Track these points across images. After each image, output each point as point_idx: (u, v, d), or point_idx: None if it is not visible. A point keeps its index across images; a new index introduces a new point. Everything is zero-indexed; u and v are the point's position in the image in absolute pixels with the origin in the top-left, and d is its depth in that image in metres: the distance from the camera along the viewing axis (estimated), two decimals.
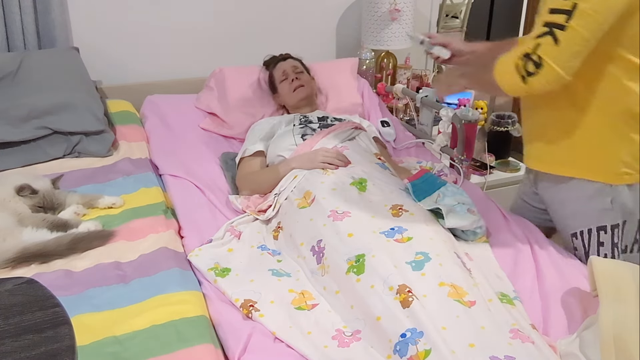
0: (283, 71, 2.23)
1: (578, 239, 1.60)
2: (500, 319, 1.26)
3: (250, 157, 1.96)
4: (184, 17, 2.58)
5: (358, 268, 1.37)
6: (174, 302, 1.34)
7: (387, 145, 2.25)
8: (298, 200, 1.67)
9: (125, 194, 1.82)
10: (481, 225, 1.65)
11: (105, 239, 1.59)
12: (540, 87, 1.34)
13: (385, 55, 2.83)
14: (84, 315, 1.28)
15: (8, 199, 1.64)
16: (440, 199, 1.62)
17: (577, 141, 1.49)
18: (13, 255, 1.45)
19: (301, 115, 2.10)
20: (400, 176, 1.81)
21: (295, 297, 1.41)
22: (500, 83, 1.42)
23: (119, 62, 2.53)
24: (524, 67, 1.33)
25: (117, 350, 1.20)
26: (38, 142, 2.05)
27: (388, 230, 1.46)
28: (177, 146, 2.13)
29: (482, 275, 1.44)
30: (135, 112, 2.41)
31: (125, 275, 1.45)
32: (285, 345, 1.26)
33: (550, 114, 1.53)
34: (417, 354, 1.16)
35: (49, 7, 2.29)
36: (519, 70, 1.35)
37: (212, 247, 1.59)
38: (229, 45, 2.68)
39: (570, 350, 1.20)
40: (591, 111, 1.44)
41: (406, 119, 2.66)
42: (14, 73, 2.13)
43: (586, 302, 1.38)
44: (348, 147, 1.86)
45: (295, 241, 1.58)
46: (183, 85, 2.60)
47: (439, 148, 2.25)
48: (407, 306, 1.24)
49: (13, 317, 0.88)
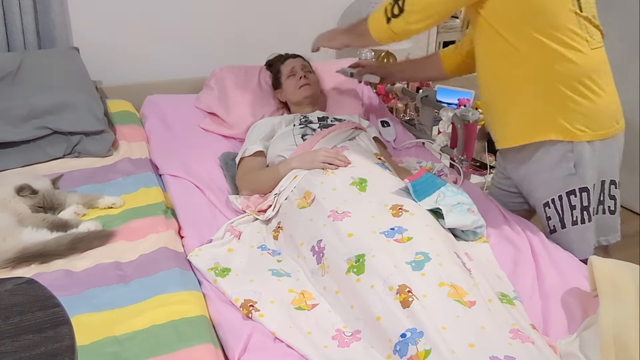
0: (292, 67, 2.22)
1: (550, 208, 1.70)
2: (500, 319, 1.26)
3: (250, 157, 1.96)
4: (184, 17, 2.58)
5: (358, 268, 1.37)
6: (174, 302, 1.34)
7: (387, 145, 2.25)
8: (298, 200, 1.67)
9: (125, 194, 1.82)
10: (481, 225, 1.65)
11: (105, 239, 1.59)
12: (400, 27, 1.65)
13: (385, 55, 2.82)
14: (84, 315, 1.28)
15: (8, 199, 1.64)
16: (440, 198, 1.62)
17: (529, 110, 1.63)
18: (13, 255, 1.45)
19: (301, 115, 2.10)
20: (400, 176, 1.81)
21: (295, 297, 1.41)
22: (370, 27, 1.72)
23: (119, 62, 2.53)
24: (391, 10, 1.64)
25: (117, 350, 1.20)
26: (38, 142, 2.05)
27: (388, 230, 1.46)
28: (177, 146, 2.13)
29: (482, 275, 1.44)
30: (135, 112, 2.41)
31: (125, 275, 1.45)
32: (285, 345, 1.27)
33: (500, 95, 1.69)
34: (417, 354, 1.16)
35: (49, 7, 2.29)
36: (386, 13, 1.65)
37: (212, 247, 1.59)
38: (228, 45, 2.68)
39: (570, 350, 1.20)
40: (535, 81, 1.59)
41: (406, 119, 2.66)
42: (14, 73, 2.12)
43: (586, 302, 1.38)
44: (348, 147, 1.86)
45: (295, 241, 1.58)
46: (183, 85, 2.60)
47: (439, 148, 2.25)
48: (407, 306, 1.24)
49: (13, 317, 0.88)
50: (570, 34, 1.53)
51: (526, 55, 1.56)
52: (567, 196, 1.66)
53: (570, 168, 1.63)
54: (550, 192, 1.69)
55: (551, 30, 1.52)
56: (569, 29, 1.53)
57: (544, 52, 1.54)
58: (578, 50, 1.54)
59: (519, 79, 1.62)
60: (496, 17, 1.58)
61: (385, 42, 1.76)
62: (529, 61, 1.57)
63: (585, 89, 1.56)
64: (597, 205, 1.69)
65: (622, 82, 1.82)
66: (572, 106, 1.57)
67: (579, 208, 1.66)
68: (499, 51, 1.61)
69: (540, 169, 1.68)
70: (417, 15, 1.62)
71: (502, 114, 1.71)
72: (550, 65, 1.55)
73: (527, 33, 1.54)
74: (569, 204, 1.66)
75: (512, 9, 1.55)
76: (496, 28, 1.58)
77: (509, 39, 1.57)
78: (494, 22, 1.59)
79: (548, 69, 1.56)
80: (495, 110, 1.73)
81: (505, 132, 1.73)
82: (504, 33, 1.57)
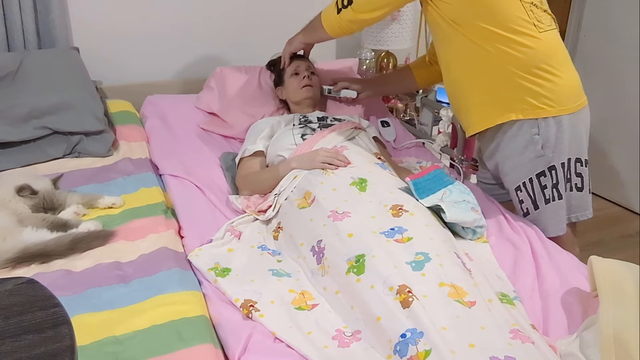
0: (297, 67, 2.22)
1: (522, 191, 1.76)
2: (500, 319, 1.26)
3: (250, 157, 1.96)
4: (184, 17, 2.58)
5: (358, 268, 1.37)
6: (174, 302, 1.34)
7: (387, 145, 2.25)
8: (298, 200, 1.67)
9: (125, 194, 1.82)
10: (482, 225, 1.65)
11: (105, 239, 1.58)
12: (349, 16, 1.75)
13: (386, 55, 2.83)
14: (84, 315, 1.28)
15: (8, 199, 1.64)
16: (446, 196, 1.63)
17: (487, 96, 1.70)
18: (13, 255, 1.45)
19: (301, 115, 2.10)
20: (400, 176, 1.81)
21: (296, 297, 1.41)
22: (322, 20, 1.84)
23: (119, 62, 2.53)
24: (342, 1, 1.75)
25: (117, 350, 1.20)
26: (38, 142, 2.05)
27: (388, 231, 1.46)
28: (177, 146, 2.13)
29: (482, 275, 1.44)
30: (135, 112, 2.41)
31: (126, 275, 1.45)
32: (285, 346, 1.26)
33: (461, 84, 1.76)
34: (417, 354, 1.16)
35: (49, 8, 2.29)
36: (337, 5, 1.77)
37: (212, 247, 1.59)
38: (228, 45, 2.68)
39: (570, 350, 1.20)
40: (491, 68, 1.66)
41: (406, 119, 2.67)
42: (14, 73, 2.12)
43: (586, 302, 1.38)
44: (348, 147, 1.86)
45: (296, 241, 1.58)
46: (183, 85, 2.60)
47: (439, 148, 2.26)
48: (407, 306, 1.24)
49: (13, 317, 0.88)
50: (518, 21, 1.60)
51: (478, 44, 1.63)
52: (537, 178, 1.72)
53: (539, 150, 1.68)
54: (521, 176, 1.74)
55: (500, 20, 1.60)
56: (517, 16, 1.60)
57: (495, 39, 1.61)
58: (528, 35, 1.61)
59: (476, 67, 1.69)
60: (446, 10, 1.65)
61: (336, 34, 1.87)
62: (482, 49, 1.63)
63: (543, 72, 1.62)
64: (565, 183, 1.74)
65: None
66: (532, 87, 1.63)
67: (550, 187, 1.71)
68: (452, 41, 1.69)
69: (509, 154, 1.74)
70: (366, 6, 1.72)
71: (464, 103, 1.79)
72: (502, 51, 1.61)
73: (476, 25, 1.62)
74: (540, 185, 1.72)
75: (460, 4, 1.63)
76: (446, 20, 1.67)
77: (458, 29, 1.64)
78: (445, 15, 1.66)
79: (501, 55, 1.62)
80: (459, 100, 1.80)
81: (469, 120, 1.80)
82: (453, 24, 1.65)
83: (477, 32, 1.62)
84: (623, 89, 2.96)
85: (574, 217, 1.80)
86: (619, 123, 3.00)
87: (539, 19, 1.64)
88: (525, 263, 1.55)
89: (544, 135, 1.67)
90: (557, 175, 1.71)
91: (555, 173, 1.70)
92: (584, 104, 1.73)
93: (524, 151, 1.70)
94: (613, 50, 3.02)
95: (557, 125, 1.66)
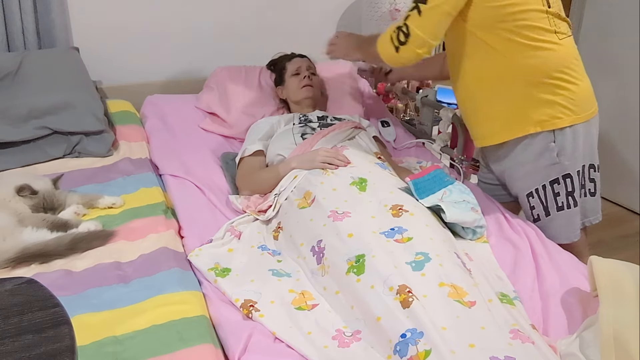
0: (298, 66, 2.23)
1: (534, 197, 1.74)
2: (500, 319, 1.26)
3: (249, 156, 1.96)
4: (184, 17, 2.58)
5: (358, 268, 1.37)
6: (174, 302, 1.34)
7: (387, 145, 2.25)
8: (298, 200, 1.67)
9: (125, 194, 1.82)
10: (482, 225, 1.65)
11: (105, 239, 1.58)
12: (409, 54, 1.60)
13: None
14: (84, 315, 1.28)
15: (8, 199, 1.64)
16: (446, 196, 1.63)
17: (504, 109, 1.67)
18: (13, 255, 1.45)
19: (300, 114, 2.10)
20: (400, 176, 1.81)
21: (296, 297, 1.41)
22: (381, 55, 1.68)
23: (119, 62, 2.53)
24: (397, 38, 1.60)
25: (117, 350, 1.20)
26: (38, 142, 2.05)
27: (388, 231, 1.46)
28: (177, 146, 2.13)
29: (482, 275, 1.44)
30: (135, 112, 2.41)
31: (126, 275, 1.45)
32: (285, 346, 1.26)
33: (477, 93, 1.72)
34: (417, 354, 1.16)
35: (49, 8, 2.29)
36: (393, 42, 1.61)
37: (212, 247, 1.59)
38: (229, 45, 2.68)
39: (570, 350, 1.20)
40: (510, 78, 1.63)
41: (406, 119, 2.66)
42: (14, 73, 2.12)
43: (586, 302, 1.38)
44: (348, 147, 1.86)
45: (296, 241, 1.58)
46: (183, 85, 2.60)
47: (439, 148, 2.25)
48: (407, 306, 1.24)
49: (13, 317, 0.88)
50: (540, 32, 1.59)
51: (501, 52, 1.61)
52: (550, 185, 1.70)
53: (554, 157, 1.67)
54: (533, 182, 1.73)
55: (523, 30, 1.58)
56: (539, 27, 1.58)
57: (517, 49, 1.59)
58: (549, 42, 1.60)
59: (495, 77, 1.65)
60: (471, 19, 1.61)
61: (400, 67, 1.78)
62: (504, 58, 1.61)
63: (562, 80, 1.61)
64: (580, 189, 1.73)
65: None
66: (551, 98, 1.62)
67: (563, 194, 1.70)
68: (473, 49, 1.65)
69: (522, 161, 1.72)
70: (422, 39, 1.57)
71: (479, 113, 1.75)
72: (523, 61, 1.60)
73: (500, 34, 1.58)
74: (553, 192, 1.70)
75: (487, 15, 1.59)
76: (469, 28, 1.62)
77: (482, 37, 1.61)
78: (468, 24, 1.62)
79: (522, 65, 1.60)
80: (473, 110, 1.77)
81: (482, 131, 1.77)
82: (476, 32, 1.61)
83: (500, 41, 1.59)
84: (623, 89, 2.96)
85: (587, 221, 1.80)
86: (619, 123, 3.00)
87: (558, 27, 1.63)
88: (525, 263, 1.55)
89: (560, 144, 1.65)
90: (572, 183, 1.69)
91: (570, 181, 1.69)
92: (597, 110, 1.72)
93: (539, 158, 1.69)
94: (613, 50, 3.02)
95: (573, 133, 1.65)
